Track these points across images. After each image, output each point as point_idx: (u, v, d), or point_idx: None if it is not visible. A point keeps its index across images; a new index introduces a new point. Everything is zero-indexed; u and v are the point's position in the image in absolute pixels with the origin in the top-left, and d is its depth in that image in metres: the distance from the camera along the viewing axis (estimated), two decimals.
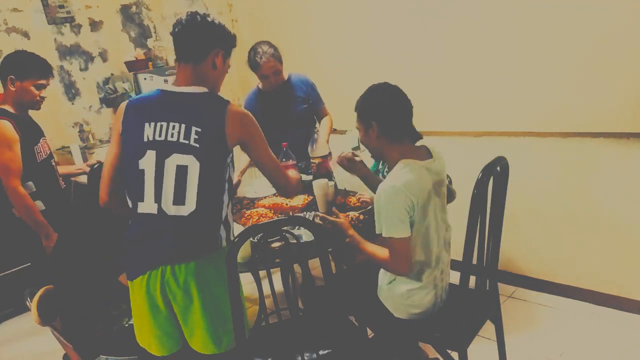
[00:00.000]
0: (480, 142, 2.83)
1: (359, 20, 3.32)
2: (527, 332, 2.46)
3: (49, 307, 1.96)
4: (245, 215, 2.23)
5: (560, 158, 2.58)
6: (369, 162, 2.28)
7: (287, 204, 2.31)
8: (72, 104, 3.64)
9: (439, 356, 1.93)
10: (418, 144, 1.80)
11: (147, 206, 1.54)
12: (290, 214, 2.25)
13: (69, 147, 3.39)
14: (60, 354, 2.56)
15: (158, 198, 1.53)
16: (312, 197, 2.33)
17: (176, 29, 1.61)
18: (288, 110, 2.79)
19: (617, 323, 2.46)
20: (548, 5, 2.47)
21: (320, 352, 1.69)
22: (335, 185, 2.40)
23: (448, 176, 2.19)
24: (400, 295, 1.76)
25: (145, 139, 1.54)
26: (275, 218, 2.18)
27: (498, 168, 1.73)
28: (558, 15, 2.45)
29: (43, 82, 2.38)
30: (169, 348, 1.63)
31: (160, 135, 1.54)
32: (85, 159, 3.37)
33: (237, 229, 2.10)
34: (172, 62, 3.76)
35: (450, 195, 2.04)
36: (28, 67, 2.34)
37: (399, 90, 1.75)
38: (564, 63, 2.48)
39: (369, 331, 2.10)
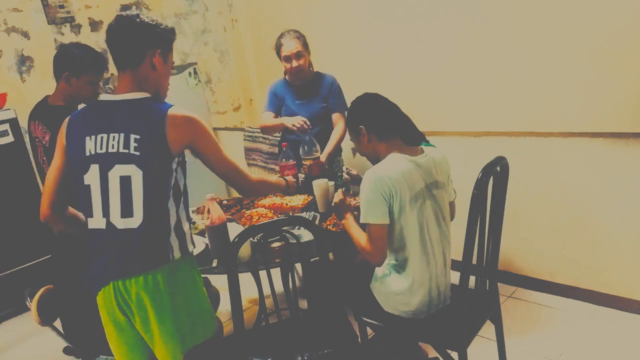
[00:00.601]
0: (480, 142, 2.83)
1: (359, 21, 3.32)
2: (527, 332, 2.46)
3: (49, 307, 1.96)
4: (245, 215, 2.23)
5: (560, 158, 2.58)
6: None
7: (287, 204, 2.31)
8: None
9: (439, 356, 1.93)
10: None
11: (96, 221, 1.51)
12: (290, 214, 2.25)
13: None
14: (60, 352, 2.57)
15: (106, 212, 1.49)
16: (312, 197, 2.34)
17: (107, 36, 1.56)
18: (310, 105, 2.77)
19: (617, 323, 2.46)
20: (548, 5, 2.47)
21: (320, 352, 1.69)
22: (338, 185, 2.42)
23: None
24: (390, 292, 1.79)
25: (88, 153, 1.50)
26: (275, 218, 2.18)
27: (498, 168, 1.73)
28: (558, 15, 2.45)
29: (100, 77, 2.28)
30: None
31: (101, 148, 1.49)
32: None
33: (237, 228, 2.11)
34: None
35: (450, 195, 2.04)
36: (84, 63, 2.21)
37: (378, 95, 1.84)
38: (564, 63, 2.49)
39: (369, 331, 2.10)
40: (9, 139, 3.14)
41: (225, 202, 2.57)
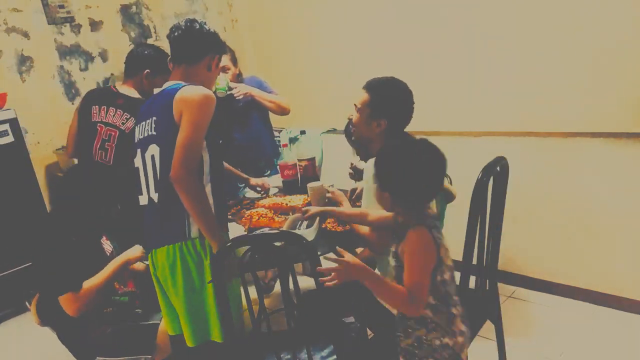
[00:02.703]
0: (480, 142, 2.83)
1: (359, 20, 3.32)
2: (527, 332, 2.46)
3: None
4: (245, 215, 2.23)
5: (560, 158, 2.58)
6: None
7: (287, 204, 2.31)
8: (72, 103, 3.64)
9: None
10: None
11: (144, 198, 1.71)
12: (290, 214, 2.25)
13: None
14: (60, 352, 2.56)
15: (148, 189, 1.68)
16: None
17: (175, 33, 1.75)
18: (233, 109, 2.82)
19: (617, 323, 2.46)
20: (548, 5, 2.47)
21: (320, 353, 1.69)
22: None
23: (448, 176, 2.19)
24: None
25: (136, 140, 1.73)
26: (275, 218, 2.18)
27: (498, 168, 1.73)
28: (558, 15, 2.45)
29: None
30: (174, 328, 1.76)
31: (142, 134, 1.70)
32: None
33: (237, 228, 2.11)
34: None
35: (450, 196, 2.04)
36: (165, 66, 2.35)
37: (405, 85, 1.80)
38: (564, 63, 2.48)
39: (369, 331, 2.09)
40: (9, 139, 3.14)
41: None
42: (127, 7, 3.85)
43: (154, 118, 1.65)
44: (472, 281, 1.76)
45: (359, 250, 2.33)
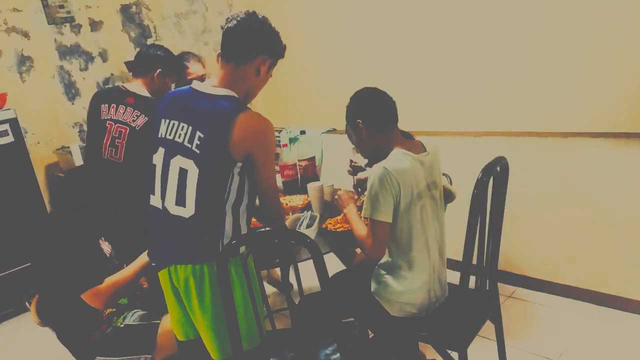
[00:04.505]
0: (480, 142, 2.83)
1: (359, 20, 3.32)
2: (527, 332, 2.46)
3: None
4: None
5: (560, 158, 2.58)
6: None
7: (287, 204, 2.31)
8: (72, 104, 3.64)
9: (436, 357, 1.93)
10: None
11: (155, 200, 1.57)
12: (290, 214, 2.25)
13: (69, 147, 3.39)
14: (60, 352, 2.56)
15: (163, 196, 1.54)
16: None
17: (229, 24, 1.56)
18: None
19: (617, 323, 2.46)
20: (548, 5, 2.47)
21: (325, 350, 1.69)
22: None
23: (448, 176, 2.19)
24: (394, 293, 1.78)
25: (160, 135, 1.56)
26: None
27: (498, 168, 1.73)
28: (558, 15, 2.45)
29: (174, 80, 2.54)
30: (185, 334, 1.67)
31: (170, 134, 1.52)
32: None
33: None
34: None
35: (450, 196, 2.04)
36: (175, 67, 2.49)
37: (375, 88, 1.83)
38: (564, 63, 2.49)
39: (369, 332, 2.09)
40: (9, 139, 3.14)
41: None
42: (127, 7, 3.85)
43: (200, 135, 1.46)
44: (472, 281, 1.76)
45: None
